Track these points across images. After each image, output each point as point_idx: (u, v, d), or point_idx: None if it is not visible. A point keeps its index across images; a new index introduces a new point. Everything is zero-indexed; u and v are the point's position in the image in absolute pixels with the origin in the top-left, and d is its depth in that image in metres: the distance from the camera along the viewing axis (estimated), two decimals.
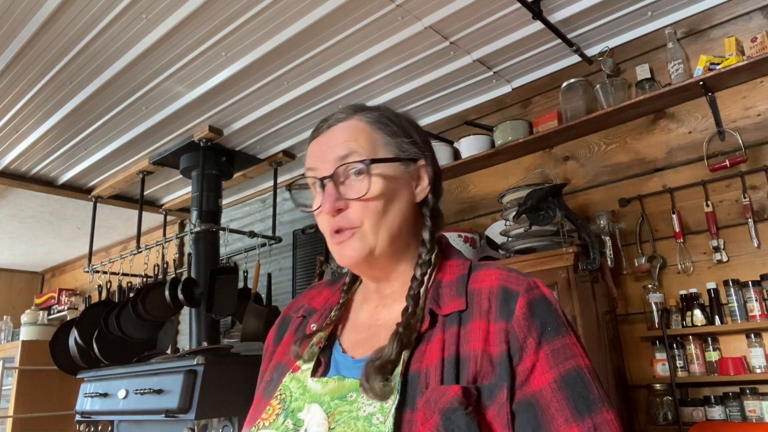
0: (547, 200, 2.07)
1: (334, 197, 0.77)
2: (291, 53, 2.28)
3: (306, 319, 0.88)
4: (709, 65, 2.02)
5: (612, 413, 0.67)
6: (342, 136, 0.80)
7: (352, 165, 0.77)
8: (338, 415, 0.70)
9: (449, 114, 2.91)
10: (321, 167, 0.79)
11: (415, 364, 0.71)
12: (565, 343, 0.70)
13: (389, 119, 0.83)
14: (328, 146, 0.80)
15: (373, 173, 0.77)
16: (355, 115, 0.82)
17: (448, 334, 0.72)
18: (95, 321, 2.86)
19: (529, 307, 0.71)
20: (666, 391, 2.01)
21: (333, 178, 0.77)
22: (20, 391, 4.20)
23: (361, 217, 0.77)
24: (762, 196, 1.99)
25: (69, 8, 1.95)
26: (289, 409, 0.74)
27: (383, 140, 0.81)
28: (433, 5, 2.05)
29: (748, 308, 1.90)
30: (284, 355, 0.85)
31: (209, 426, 2.30)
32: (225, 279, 2.77)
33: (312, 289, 0.95)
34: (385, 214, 0.78)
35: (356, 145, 0.78)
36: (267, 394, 0.81)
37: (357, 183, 0.77)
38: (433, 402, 0.65)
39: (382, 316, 0.82)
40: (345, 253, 0.78)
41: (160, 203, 4.01)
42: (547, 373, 0.67)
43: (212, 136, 2.87)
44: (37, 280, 5.92)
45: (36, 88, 2.44)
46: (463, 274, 0.78)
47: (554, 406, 0.66)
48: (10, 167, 3.23)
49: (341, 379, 0.75)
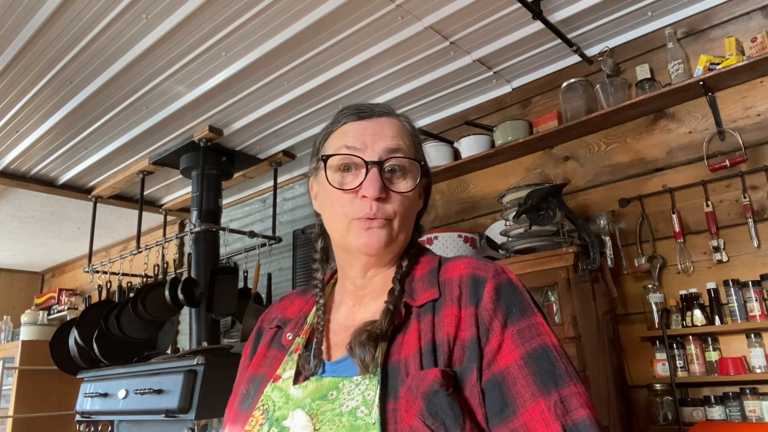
0: (547, 200, 2.07)
1: (380, 184, 0.78)
2: (291, 53, 2.28)
3: (281, 329, 0.88)
4: (709, 65, 2.02)
5: (581, 387, 0.67)
6: (392, 129, 0.82)
7: (401, 160, 0.80)
8: (322, 415, 0.70)
9: (449, 114, 2.91)
10: (367, 150, 0.79)
11: (394, 355, 0.72)
12: (531, 323, 0.71)
13: (416, 132, 0.87)
14: (377, 134, 0.81)
15: (417, 175, 0.81)
16: (397, 116, 0.86)
17: (423, 324, 0.74)
18: (95, 321, 2.86)
19: (495, 291, 0.73)
20: (666, 391, 2.01)
21: (380, 166, 0.78)
22: (20, 391, 4.20)
23: (394, 211, 0.79)
24: (762, 196, 1.99)
25: (69, 8, 1.95)
26: (273, 418, 0.74)
27: (416, 148, 0.85)
28: (433, 5, 2.05)
29: (748, 308, 1.90)
30: (260, 367, 0.85)
31: (209, 426, 2.30)
32: (225, 279, 2.77)
33: (284, 299, 0.95)
34: (409, 215, 0.82)
35: (403, 144, 0.82)
36: (246, 407, 0.81)
37: (397, 179, 0.80)
38: (415, 388, 0.66)
39: (358, 316, 0.82)
40: (371, 240, 0.78)
41: (160, 203, 4.01)
42: (513, 352, 0.69)
43: (212, 136, 2.87)
44: (37, 280, 5.93)
45: (36, 88, 2.44)
46: (433, 267, 0.81)
47: (520, 382, 0.67)
48: (10, 167, 3.23)
49: (319, 379, 0.75)
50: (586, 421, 0.64)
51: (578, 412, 0.65)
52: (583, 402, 0.66)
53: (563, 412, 0.65)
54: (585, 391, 0.67)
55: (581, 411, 0.65)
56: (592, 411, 0.65)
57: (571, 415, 0.65)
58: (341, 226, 0.81)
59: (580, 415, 0.65)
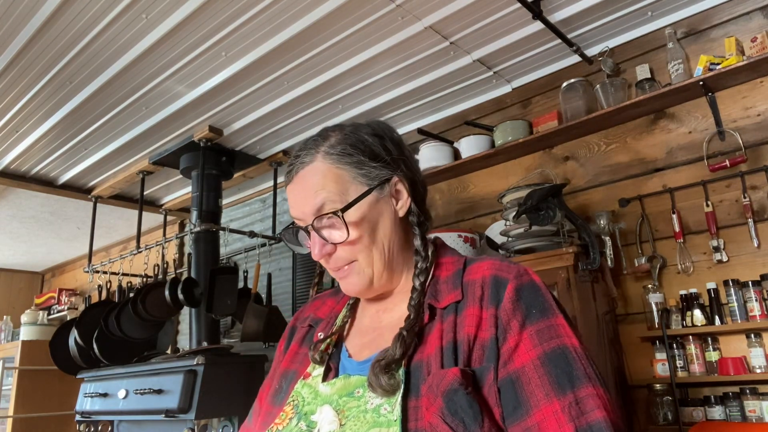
0: (547, 200, 2.07)
1: (320, 244, 0.81)
2: (291, 53, 2.28)
3: (313, 328, 0.92)
4: (709, 65, 2.02)
5: (600, 389, 0.66)
6: (311, 182, 0.80)
7: (327, 215, 0.79)
8: (347, 411, 0.74)
9: (449, 114, 2.91)
10: (302, 217, 0.82)
11: (417, 355, 0.74)
12: (551, 324, 0.71)
13: (352, 146, 0.82)
14: (301, 196, 0.81)
15: (348, 218, 0.79)
16: (318, 153, 0.81)
17: (445, 324, 0.75)
18: (95, 321, 2.86)
19: (516, 292, 0.73)
20: (666, 391, 2.01)
21: (314, 227, 0.80)
22: (20, 391, 4.20)
23: (351, 255, 0.81)
24: (762, 196, 1.99)
25: (69, 8, 1.95)
26: (302, 412, 0.78)
27: (350, 175, 0.80)
28: (433, 5, 2.05)
29: (748, 308, 1.90)
30: (292, 363, 0.89)
31: (209, 426, 2.30)
32: (225, 279, 2.77)
33: (316, 299, 1.00)
34: (373, 244, 0.81)
35: (326, 192, 0.79)
36: (278, 401, 0.85)
37: (335, 229, 0.80)
38: (435, 386, 0.68)
39: (384, 319, 0.86)
40: (348, 288, 0.85)
41: (160, 203, 4.01)
42: (530, 351, 0.69)
43: (212, 136, 2.87)
44: (37, 280, 5.93)
45: (36, 88, 2.44)
46: (458, 269, 0.82)
47: (535, 381, 0.67)
48: (10, 167, 3.23)
49: (347, 377, 0.79)
50: (601, 423, 0.63)
51: (594, 414, 0.64)
52: (600, 404, 0.64)
53: (578, 413, 0.64)
54: (605, 393, 0.66)
55: (597, 413, 0.64)
56: (610, 413, 0.64)
57: (586, 416, 0.63)
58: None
59: (596, 417, 0.63)
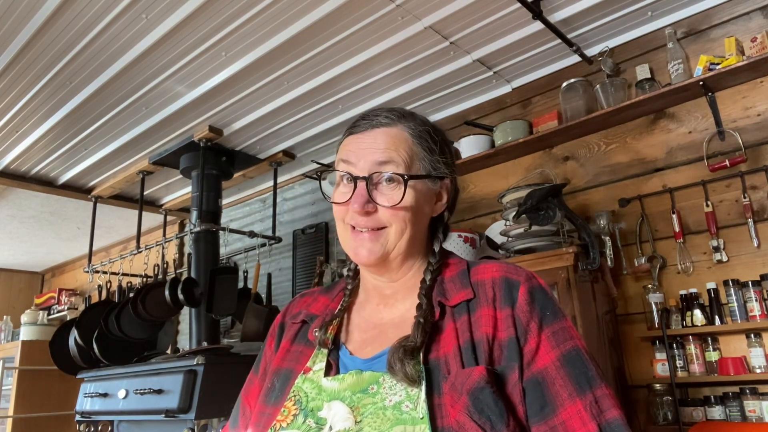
0: (547, 200, 2.06)
1: (365, 199, 0.80)
2: (291, 53, 2.28)
3: (307, 324, 0.89)
4: (709, 65, 2.02)
5: (610, 389, 0.72)
6: (384, 141, 0.82)
7: (389, 174, 0.81)
8: (363, 408, 0.73)
9: (449, 114, 2.91)
10: (357, 165, 0.82)
11: (433, 353, 0.75)
12: (563, 327, 0.76)
13: (430, 134, 0.86)
14: (368, 147, 0.82)
15: (407, 186, 0.81)
16: (400, 122, 0.84)
17: (459, 323, 0.77)
18: (95, 321, 2.86)
19: (529, 294, 0.77)
20: (666, 391, 2.01)
21: (367, 180, 0.80)
22: (20, 391, 4.20)
23: (388, 221, 0.81)
24: (762, 196, 1.99)
25: (69, 8, 1.95)
26: (307, 408, 0.76)
27: (421, 154, 0.84)
28: (433, 5, 2.05)
29: (748, 308, 1.90)
30: (284, 361, 0.86)
31: (209, 426, 2.29)
32: (225, 279, 2.77)
33: (305, 296, 0.97)
34: (409, 224, 0.82)
35: (396, 154, 0.81)
36: (271, 400, 0.82)
37: (389, 191, 0.81)
38: (459, 384, 0.70)
39: (385, 315, 0.85)
40: (361, 252, 0.82)
41: (160, 203, 4.01)
42: (550, 353, 0.73)
43: (212, 136, 2.87)
44: (37, 280, 5.93)
45: (36, 88, 2.44)
46: (463, 270, 0.84)
47: (558, 382, 0.71)
48: (10, 167, 3.23)
49: (359, 373, 0.77)
50: (618, 420, 0.69)
51: (611, 412, 0.69)
52: (614, 403, 0.70)
53: (598, 411, 0.69)
54: (613, 393, 0.72)
55: (614, 411, 0.69)
56: (622, 412, 0.70)
57: (605, 414, 0.69)
58: (341, 233, 0.85)
59: (613, 415, 0.69)
